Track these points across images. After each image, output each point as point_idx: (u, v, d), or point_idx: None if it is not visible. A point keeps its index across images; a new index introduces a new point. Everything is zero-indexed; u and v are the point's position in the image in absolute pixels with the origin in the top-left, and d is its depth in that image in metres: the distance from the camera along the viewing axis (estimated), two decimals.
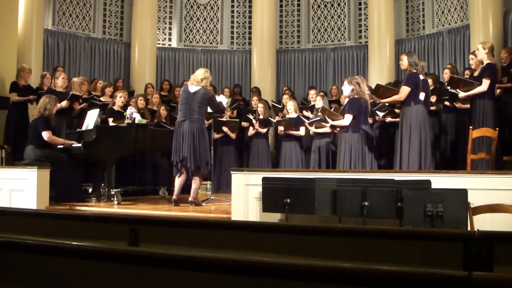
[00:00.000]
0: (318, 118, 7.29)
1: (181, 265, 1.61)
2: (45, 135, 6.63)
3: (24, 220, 3.04)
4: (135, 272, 1.67)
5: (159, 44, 11.87)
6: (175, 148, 6.24)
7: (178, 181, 6.29)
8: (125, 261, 1.70)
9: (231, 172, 5.09)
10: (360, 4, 11.79)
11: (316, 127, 7.60)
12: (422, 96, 6.10)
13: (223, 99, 7.21)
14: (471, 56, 7.44)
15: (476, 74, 6.97)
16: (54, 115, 6.97)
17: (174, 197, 6.26)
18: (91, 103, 7.91)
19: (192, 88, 6.35)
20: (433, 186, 4.07)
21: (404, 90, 6.03)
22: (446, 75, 8.07)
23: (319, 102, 7.60)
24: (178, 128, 6.27)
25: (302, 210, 4.36)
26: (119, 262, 1.71)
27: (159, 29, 11.94)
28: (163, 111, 8.35)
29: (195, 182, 6.29)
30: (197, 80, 6.36)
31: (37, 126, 6.71)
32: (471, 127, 6.15)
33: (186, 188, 6.47)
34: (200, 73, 6.46)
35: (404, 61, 6.22)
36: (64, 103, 7.53)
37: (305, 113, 8.50)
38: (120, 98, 7.72)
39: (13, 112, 8.04)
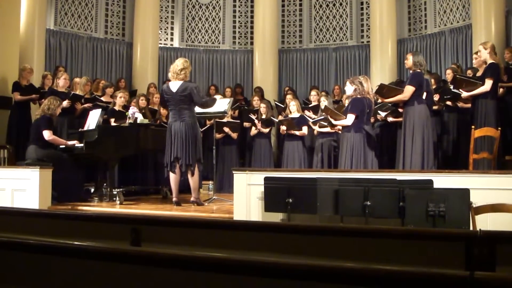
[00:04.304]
0: (322, 117, 7.29)
1: (183, 265, 1.61)
2: (46, 134, 6.64)
3: (26, 220, 3.05)
4: (137, 272, 1.67)
5: (161, 44, 11.87)
6: (167, 149, 6.19)
7: (173, 182, 6.25)
8: (127, 261, 1.70)
9: (233, 172, 5.09)
10: (362, 3, 11.77)
11: (319, 127, 7.61)
12: (424, 96, 6.10)
13: (222, 102, 7.13)
14: (474, 56, 7.43)
15: (479, 74, 6.95)
16: (56, 116, 6.99)
17: (174, 198, 6.25)
18: (94, 104, 7.93)
19: (173, 85, 6.20)
20: (435, 185, 4.06)
21: (409, 90, 6.02)
22: (449, 75, 8.05)
23: (323, 102, 7.59)
24: (169, 129, 6.22)
25: (304, 210, 4.36)
26: (120, 262, 1.71)
27: (161, 29, 11.95)
28: (163, 110, 8.35)
29: (193, 181, 6.25)
30: (176, 72, 6.19)
31: (39, 125, 6.73)
32: (473, 126, 6.14)
33: (187, 188, 6.47)
34: (179, 63, 6.27)
35: (409, 60, 6.21)
36: (65, 103, 7.54)
37: (307, 113, 8.49)
38: (120, 98, 7.72)
39: (16, 112, 8.05)
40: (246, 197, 4.87)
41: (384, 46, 10.65)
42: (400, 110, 6.65)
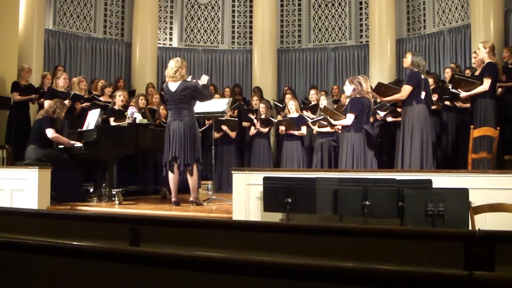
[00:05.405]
0: (321, 117, 7.29)
1: (182, 265, 1.61)
2: (50, 132, 6.62)
3: (25, 220, 3.04)
4: (136, 272, 1.67)
5: (160, 44, 11.87)
6: (166, 148, 6.19)
7: (172, 181, 6.26)
8: (126, 261, 1.70)
9: (232, 172, 5.09)
10: (361, 3, 11.78)
11: (319, 126, 7.61)
12: (423, 95, 6.10)
13: (221, 102, 7.11)
14: (473, 55, 7.43)
15: (477, 73, 6.96)
16: (61, 120, 6.99)
17: (173, 198, 6.24)
18: (93, 103, 7.93)
19: (172, 85, 6.22)
20: (434, 185, 4.06)
21: (406, 89, 6.02)
22: (447, 74, 8.06)
23: (322, 102, 7.59)
24: (168, 128, 6.22)
25: (303, 209, 4.36)
26: (120, 262, 1.71)
27: (160, 29, 11.94)
28: (162, 110, 8.35)
29: (192, 181, 6.24)
30: (172, 75, 6.22)
31: (41, 125, 6.71)
32: (472, 126, 6.14)
33: (186, 188, 6.47)
34: (172, 65, 6.28)
35: (408, 59, 6.21)
36: (66, 102, 7.53)
37: (306, 112, 8.49)
38: (119, 97, 7.71)
39: (15, 112, 8.05)
40: (245, 197, 4.87)
41: (383, 46, 10.66)
42: (399, 110, 6.65)
